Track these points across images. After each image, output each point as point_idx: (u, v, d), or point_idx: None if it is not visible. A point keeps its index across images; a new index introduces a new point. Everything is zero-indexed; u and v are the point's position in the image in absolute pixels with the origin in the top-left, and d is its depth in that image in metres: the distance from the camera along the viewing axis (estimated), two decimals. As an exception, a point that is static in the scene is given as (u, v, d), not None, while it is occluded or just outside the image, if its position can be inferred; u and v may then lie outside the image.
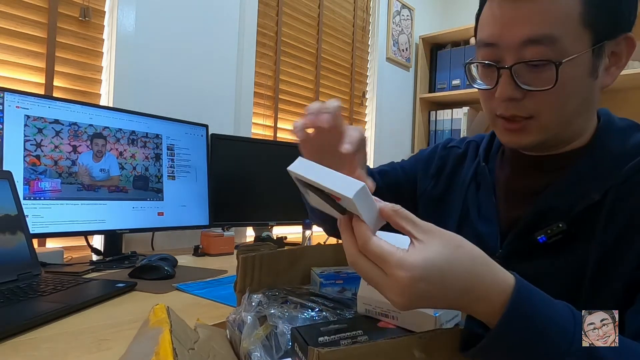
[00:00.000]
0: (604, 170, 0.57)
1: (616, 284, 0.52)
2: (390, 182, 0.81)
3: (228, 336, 0.50)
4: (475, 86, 0.62)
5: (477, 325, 0.41)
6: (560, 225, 0.56)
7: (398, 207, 0.39)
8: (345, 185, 0.38)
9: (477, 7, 0.63)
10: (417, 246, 0.37)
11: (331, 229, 0.82)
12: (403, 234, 0.39)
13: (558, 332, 0.38)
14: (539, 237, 0.57)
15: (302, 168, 0.42)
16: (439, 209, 0.75)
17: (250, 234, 1.86)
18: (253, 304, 0.46)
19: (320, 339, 0.38)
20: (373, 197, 0.40)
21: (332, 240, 1.80)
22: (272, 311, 0.44)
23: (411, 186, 0.81)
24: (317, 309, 0.46)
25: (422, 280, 0.35)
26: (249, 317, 0.44)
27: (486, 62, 0.58)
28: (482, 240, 0.64)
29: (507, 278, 0.39)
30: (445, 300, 0.37)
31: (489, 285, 0.38)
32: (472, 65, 0.62)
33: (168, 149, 1.41)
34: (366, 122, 2.61)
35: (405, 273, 0.35)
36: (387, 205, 0.39)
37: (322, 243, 1.53)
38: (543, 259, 0.58)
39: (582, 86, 0.56)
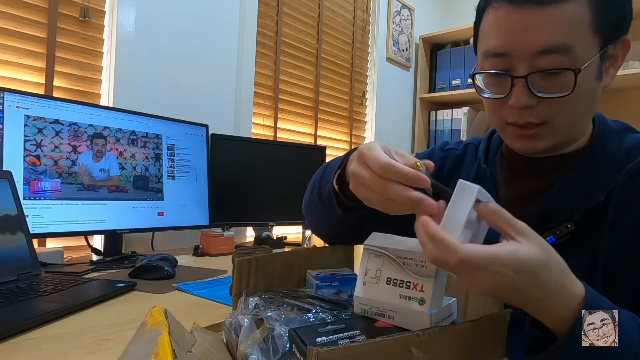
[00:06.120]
0: (605, 171, 0.58)
1: (627, 284, 0.53)
2: None
3: (225, 340, 0.50)
4: (485, 96, 0.61)
5: (540, 332, 0.43)
6: (569, 225, 0.56)
7: (499, 208, 0.40)
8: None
9: (475, 12, 0.62)
10: (513, 244, 0.38)
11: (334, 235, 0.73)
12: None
13: (627, 341, 0.40)
14: (547, 238, 0.57)
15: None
16: None
17: (250, 234, 1.86)
18: (249, 307, 0.46)
19: (319, 339, 0.38)
20: (472, 201, 0.40)
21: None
22: (269, 314, 0.44)
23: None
24: (313, 311, 0.47)
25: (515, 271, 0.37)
26: (245, 320, 0.44)
27: (498, 71, 0.57)
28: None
29: (580, 288, 0.41)
30: (528, 297, 0.39)
31: (567, 293, 0.40)
32: (477, 74, 0.61)
33: (168, 149, 1.41)
34: (366, 122, 2.61)
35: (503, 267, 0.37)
36: (489, 207, 0.40)
37: (323, 244, 1.53)
38: None
39: (591, 89, 0.57)
